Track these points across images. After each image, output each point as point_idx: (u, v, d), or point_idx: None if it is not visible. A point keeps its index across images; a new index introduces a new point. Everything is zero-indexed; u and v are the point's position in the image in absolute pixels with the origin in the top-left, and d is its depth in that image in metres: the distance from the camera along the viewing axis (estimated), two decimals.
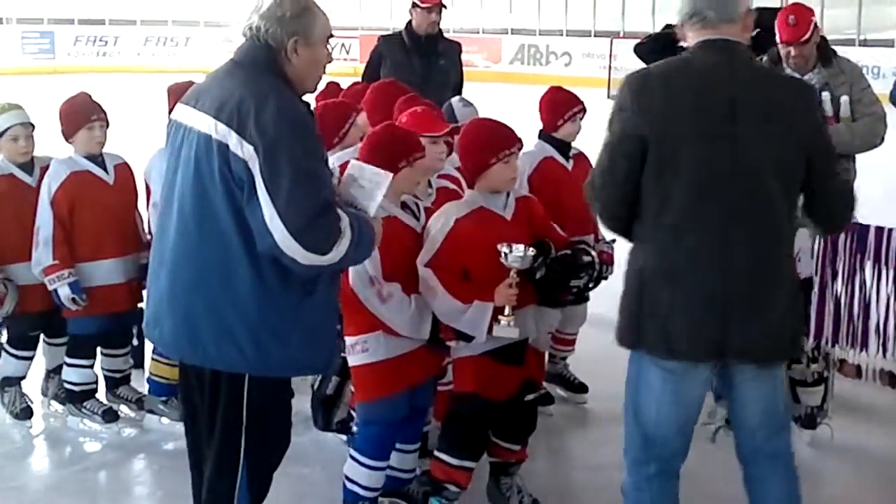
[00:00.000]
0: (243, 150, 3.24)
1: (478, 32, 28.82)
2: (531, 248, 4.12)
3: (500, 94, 5.71)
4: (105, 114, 5.40)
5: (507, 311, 4.13)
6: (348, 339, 4.26)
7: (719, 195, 3.43)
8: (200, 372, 3.48)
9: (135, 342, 5.78)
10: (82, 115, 5.33)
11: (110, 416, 5.50)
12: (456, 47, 7.73)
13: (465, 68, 7.80)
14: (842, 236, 4.35)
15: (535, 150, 5.48)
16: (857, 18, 23.84)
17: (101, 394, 5.65)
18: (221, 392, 3.46)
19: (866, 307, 4.33)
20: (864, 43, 23.52)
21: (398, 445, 4.47)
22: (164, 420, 5.54)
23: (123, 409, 5.63)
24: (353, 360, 4.25)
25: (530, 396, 4.44)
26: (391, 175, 3.60)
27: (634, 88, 3.50)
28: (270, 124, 3.26)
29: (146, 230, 5.51)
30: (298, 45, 3.43)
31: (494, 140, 4.32)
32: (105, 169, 5.39)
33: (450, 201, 4.47)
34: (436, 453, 4.38)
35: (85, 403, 5.52)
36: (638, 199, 3.52)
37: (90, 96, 5.47)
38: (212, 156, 3.29)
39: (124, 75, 25.96)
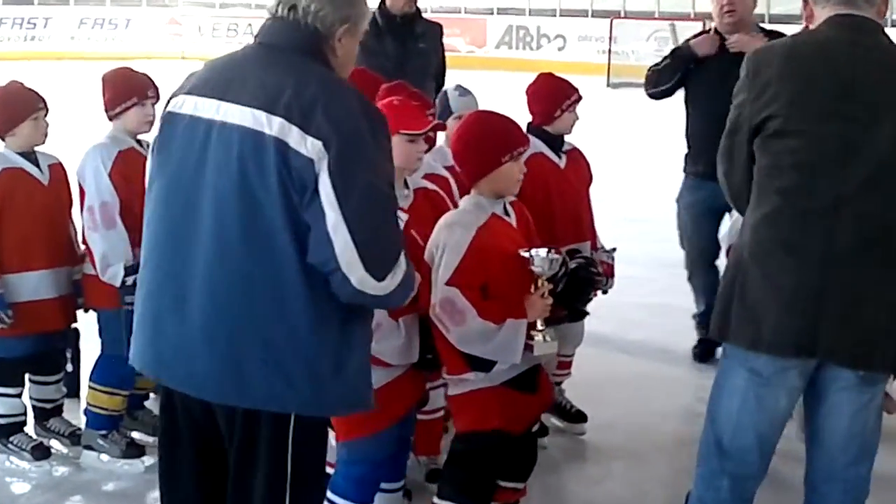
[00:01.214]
0: (307, 146, 3.12)
1: (459, 12, 28.88)
2: (554, 251, 4.14)
3: (484, 82, 5.73)
4: (45, 102, 5.38)
5: (539, 324, 4.14)
6: None
7: (826, 178, 3.56)
8: (231, 413, 3.33)
9: (69, 368, 5.75)
10: (26, 105, 5.31)
11: (40, 452, 5.46)
12: (436, 29, 7.71)
13: (446, 53, 7.79)
14: None
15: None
16: None
17: (31, 427, 5.61)
18: (261, 434, 3.32)
19: None
20: (893, 24, 23.65)
21: (382, 485, 4.45)
22: (104, 457, 5.49)
23: (55, 445, 5.60)
24: None
25: (535, 428, 4.45)
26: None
27: (753, 65, 3.70)
28: (344, 117, 3.17)
29: (80, 240, 5.49)
30: (346, 35, 3.37)
31: (505, 136, 4.29)
32: (39, 168, 5.36)
33: (434, 205, 4.47)
34: (437, 501, 4.32)
35: (11, 438, 5.48)
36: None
37: (24, 84, 5.46)
38: (264, 155, 3.15)
39: (56, 63, 25.89)
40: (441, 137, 5.70)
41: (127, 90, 5.32)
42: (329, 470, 4.55)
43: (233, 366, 3.23)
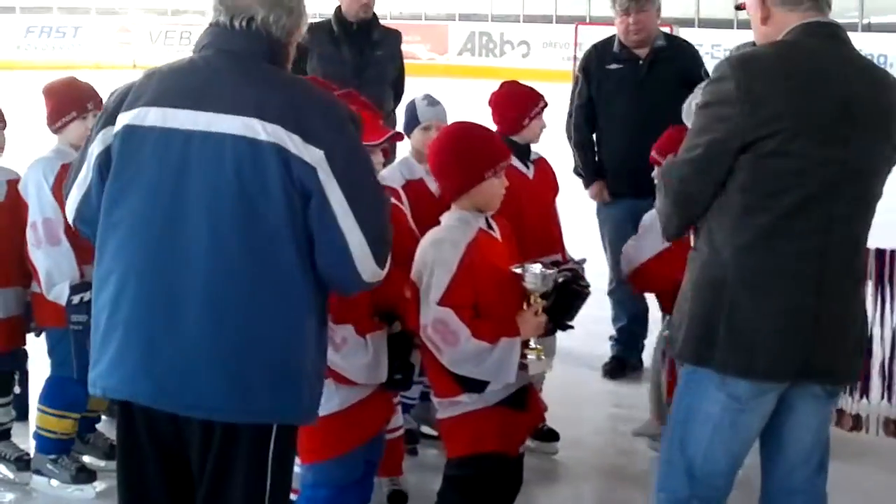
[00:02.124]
0: (307, 153, 3.19)
1: (420, 19, 28.91)
2: (546, 267, 4.15)
3: (447, 90, 5.74)
4: (2, 114, 5.35)
5: (532, 343, 4.15)
6: None
7: (823, 200, 3.56)
8: (209, 426, 3.31)
9: (17, 390, 5.70)
10: None
11: None
12: (395, 36, 7.71)
13: (406, 61, 7.79)
14: None
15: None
16: (860, 0, 24.19)
17: None
18: (240, 448, 3.32)
19: (868, 345, 4.28)
20: (869, 28, 23.90)
21: None
22: (54, 482, 5.44)
23: (4, 470, 5.54)
24: None
25: (522, 448, 4.43)
26: None
27: (741, 78, 3.55)
28: (339, 124, 3.30)
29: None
30: (294, 40, 3.46)
31: (489, 149, 4.27)
32: None
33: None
34: None
35: None
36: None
37: None
38: (262, 162, 3.18)
39: (1, 73, 25.73)
40: (406, 148, 5.69)
41: (69, 103, 5.27)
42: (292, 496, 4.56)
43: (240, 381, 3.24)
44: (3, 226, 5.32)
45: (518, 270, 4.10)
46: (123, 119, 3.33)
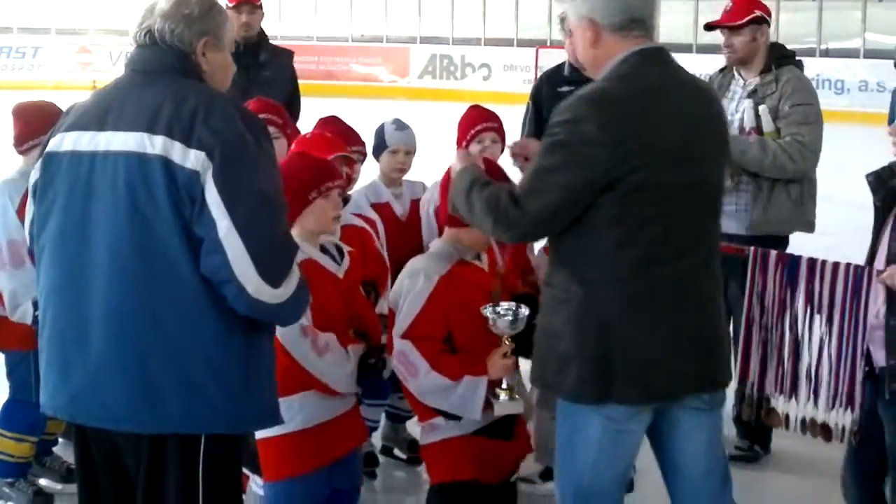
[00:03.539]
0: (190, 158, 3.18)
1: (382, 41, 28.91)
2: (522, 306, 4.07)
3: (408, 113, 5.75)
4: None
5: (504, 383, 4.10)
6: None
7: (687, 222, 3.63)
8: (136, 440, 3.33)
9: None
10: None
11: None
12: (285, 55, 7.47)
13: (367, 83, 7.74)
14: (771, 267, 4.43)
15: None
16: (818, 25, 24.37)
17: None
18: (169, 459, 3.32)
19: (796, 348, 4.38)
20: (826, 53, 24.08)
21: None
22: None
23: None
24: (260, 432, 4.07)
25: (514, 477, 4.43)
26: None
27: (604, 116, 3.54)
28: (225, 124, 3.24)
29: None
30: (208, 48, 3.44)
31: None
32: None
33: (362, 244, 4.44)
34: None
35: None
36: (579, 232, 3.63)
37: None
38: (150, 176, 3.20)
39: None
40: (375, 172, 5.70)
41: (37, 126, 5.21)
42: None
43: (146, 391, 3.25)
44: None
45: (487, 312, 4.06)
46: (48, 146, 3.43)
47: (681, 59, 3.95)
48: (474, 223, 3.84)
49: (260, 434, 4.11)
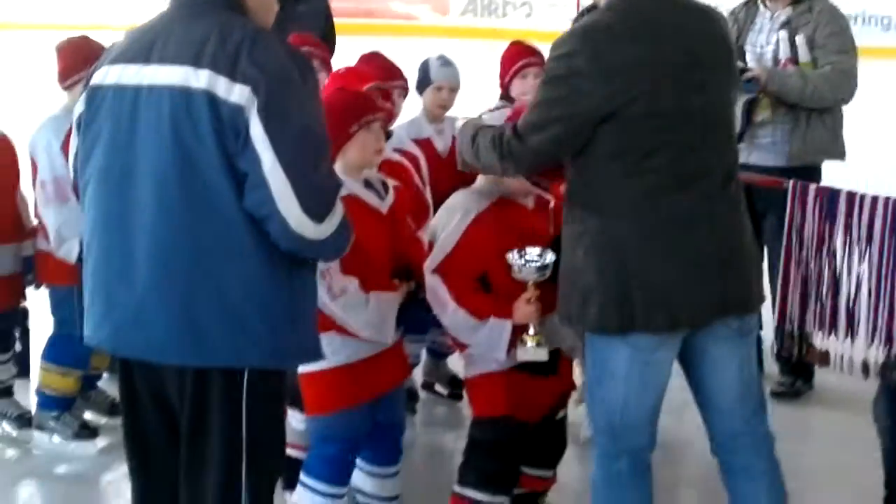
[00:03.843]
0: (235, 93, 3.17)
1: None
2: (549, 252, 4.01)
3: (449, 51, 5.72)
4: None
5: (531, 329, 4.06)
6: None
7: (695, 147, 3.63)
8: (181, 374, 3.34)
9: (18, 347, 5.73)
10: None
11: None
12: None
13: (408, 22, 7.70)
14: (810, 200, 4.39)
15: (497, 114, 5.49)
16: None
17: None
18: (212, 393, 3.33)
19: (835, 283, 4.35)
20: None
21: (374, 468, 4.41)
22: (55, 439, 5.48)
23: (5, 427, 5.58)
24: (303, 366, 4.11)
25: (561, 413, 4.43)
26: None
27: (593, 47, 3.58)
28: (270, 59, 3.23)
29: (31, 215, 5.46)
30: None
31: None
32: None
33: (398, 179, 4.43)
34: (457, 489, 4.28)
35: None
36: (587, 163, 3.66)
37: None
38: (194, 110, 3.19)
39: (9, 32, 25.61)
40: (419, 107, 5.70)
41: (80, 61, 5.23)
42: (295, 453, 4.57)
43: (190, 324, 3.25)
44: None
45: (511, 257, 4.01)
46: (93, 80, 3.42)
47: None
48: (484, 166, 3.89)
49: (303, 368, 4.14)
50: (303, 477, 4.29)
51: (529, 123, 3.68)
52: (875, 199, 4.25)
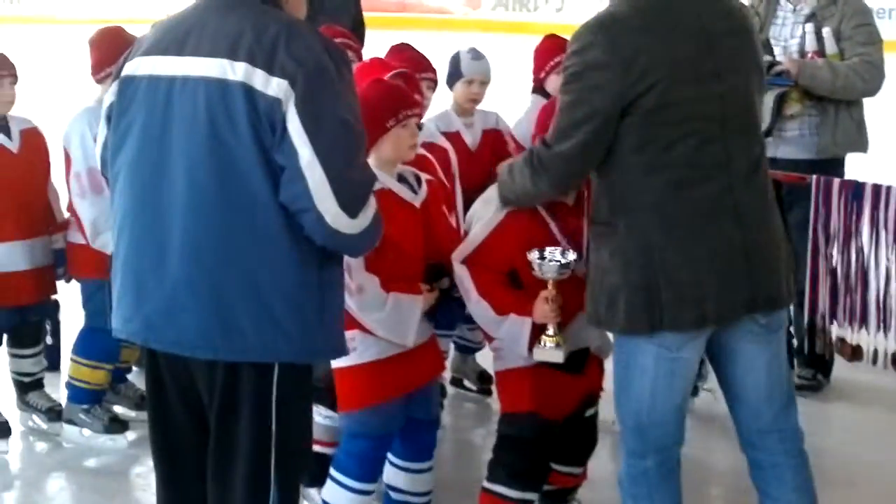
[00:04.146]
0: (272, 86, 3.16)
1: None
2: (570, 252, 3.99)
3: (481, 44, 5.71)
4: (14, 68, 5.37)
5: (550, 329, 4.03)
6: None
7: (715, 138, 3.60)
8: (211, 368, 3.35)
9: (48, 340, 5.74)
10: None
11: (3, 431, 5.44)
12: None
13: (440, 16, 7.69)
14: (835, 194, 4.35)
15: (531, 107, 5.48)
16: None
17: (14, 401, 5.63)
18: (242, 388, 3.33)
19: (864, 277, 4.30)
20: None
21: (406, 464, 4.38)
22: (86, 432, 5.50)
23: (35, 420, 5.60)
24: (336, 361, 4.10)
25: (591, 411, 4.41)
26: None
27: (608, 38, 3.57)
28: (307, 52, 3.22)
29: (62, 207, 5.48)
30: None
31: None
32: (9, 135, 5.34)
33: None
34: (486, 485, 4.27)
35: None
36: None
37: None
38: (231, 102, 3.18)
39: (33, 26, 25.75)
40: (449, 101, 5.69)
41: (112, 52, 5.21)
42: (320, 448, 4.57)
43: (221, 318, 3.25)
44: (22, 177, 5.36)
45: (532, 255, 3.98)
46: (124, 70, 3.42)
47: None
48: (520, 194, 3.88)
49: (336, 364, 4.13)
50: (332, 472, 4.28)
51: (556, 131, 3.66)
52: None
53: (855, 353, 4.54)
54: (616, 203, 3.66)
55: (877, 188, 4.26)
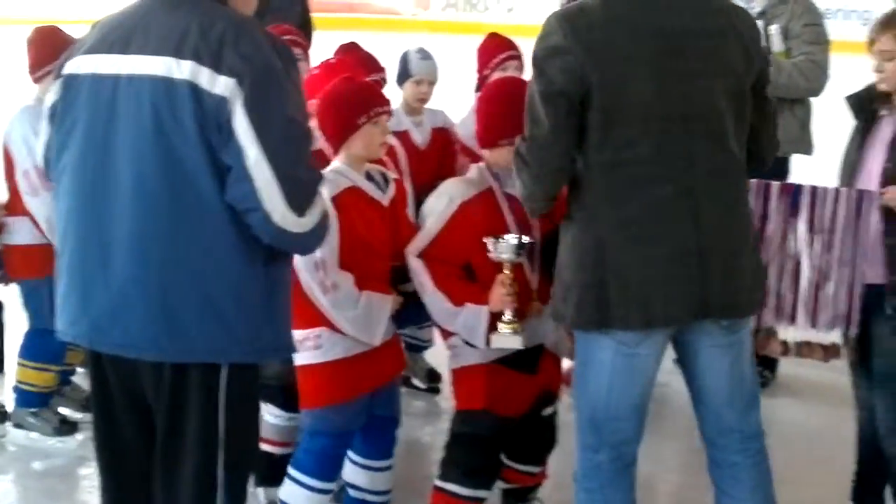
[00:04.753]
0: (219, 84, 3.14)
1: None
2: (525, 237, 4.01)
3: (431, 46, 5.70)
4: None
5: (506, 316, 4.03)
6: (296, 333, 4.06)
7: (675, 139, 3.57)
8: (158, 369, 3.32)
9: None
10: None
11: None
12: None
13: (389, 17, 7.69)
14: (773, 197, 4.39)
15: (474, 105, 5.50)
16: None
17: None
18: (190, 388, 3.31)
19: (796, 275, 4.37)
20: None
21: (366, 462, 4.39)
22: (33, 435, 5.48)
23: None
24: (300, 358, 4.10)
25: (548, 410, 4.42)
26: None
27: (570, 26, 3.56)
28: (255, 50, 3.20)
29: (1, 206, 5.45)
30: None
31: (515, 114, 4.05)
32: None
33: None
34: (438, 483, 4.29)
35: None
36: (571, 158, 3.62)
37: None
38: (176, 101, 3.15)
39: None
40: (398, 100, 5.71)
41: (50, 51, 5.20)
42: (269, 448, 4.58)
43: (168, 319, 3.23)
44: None
45: (488, 239, 4.00)
46: (66, 69, 3.38)
47: None
48: (522, 196, 3.82)
49: (301, 361, 4.14)
50: (291, 471, 4.28)
51: (528, 120, 3.65)
52: (838, 192, 4.25)
53: (783, 349, 4.59)
54: (577, 200, 3.66)
55: (814, 189, 4.30)
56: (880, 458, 4.43)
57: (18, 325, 5.64)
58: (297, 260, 3.90)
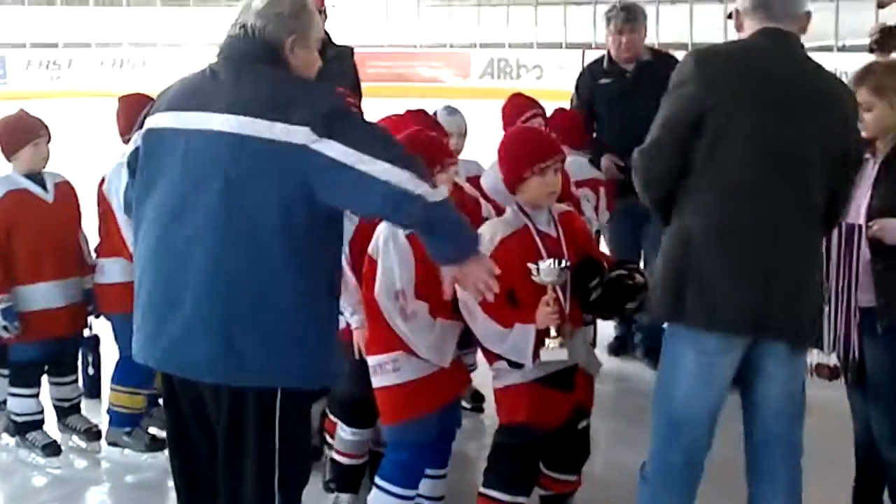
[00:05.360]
0: (296, 134, 3.15)
1: (445, 47, 28.87)
2: (564, 261, 4.03)
3: (471, 110, 5.73)
4: (48, 129, 5.39)
5: (552, 332, 4.04)
6: (373, 358, 4.18)
7: (769, 166, 3.60)
8: (218, 390, 3.34)
9: (90, 371, 5.78)
10: (27, 131, 5.32)
11: (51, 449, 5.41)
12: (346, 52, 7.37)
13: (433, 84, 7.70)
14: None
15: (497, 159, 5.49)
16: (835, 23, 23.99)
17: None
18: (247, 411, 3.32)
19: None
20: (843, 49, 23.69)
21: (429, 471, 4.40)
22: (126, 452, 5.47)
23: (75, 440, 5.56)
24: (380, 381, 4.19)
25: (583, 423, 4.40)
26: None
27: (698, 62, 3.68)
28: (320, 98, 3.26)
29: (92, 252, 5.50)
30: (296, 45, 3.39)
31: (528, 150, 4.24)
32: (44, 187, 5.35)
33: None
34: (482, 490, 4.28)
35: (28, 435, 5.45)
36: (684, 171, 3.68)
37: (28, 112, 5.48)
38: (248, 155, 3.18)
39: (78, 99, 25.82)
40: None
41: (135, 116, 5.12)
42: (345, 460, 4.62)
43: (228, 348, 3.23)
44: (56, 224, 5.37)
45: (531, 266, 4.01)
46: (148, 123, 3.42)
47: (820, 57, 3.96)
48: (637, 188, 3.87)
49: (379, 383, 4.19)
50: (378, 481, 4.31)
51: (649, 135, 3.74)
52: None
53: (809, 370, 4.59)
54: (677, 213, 3.72)
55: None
56: (878, 465, 4.38)
57: (109, 354, 5.63)
58: (379, 290, 3.99)
